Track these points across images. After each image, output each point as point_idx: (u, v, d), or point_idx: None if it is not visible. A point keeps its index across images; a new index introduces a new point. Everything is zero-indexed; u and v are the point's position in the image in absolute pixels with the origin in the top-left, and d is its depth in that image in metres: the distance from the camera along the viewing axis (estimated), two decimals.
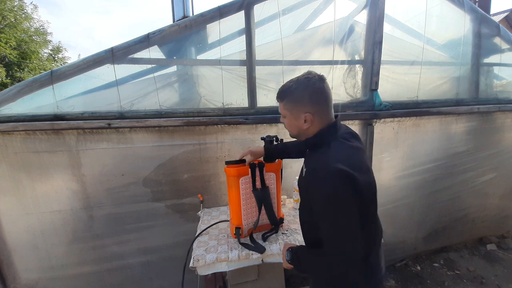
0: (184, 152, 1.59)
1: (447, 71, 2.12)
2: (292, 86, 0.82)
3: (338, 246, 0.72)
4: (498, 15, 9.42)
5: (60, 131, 1.40)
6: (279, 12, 1.63)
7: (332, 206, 0.72)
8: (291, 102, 0.84)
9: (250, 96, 1.65)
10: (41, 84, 1.34)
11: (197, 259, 1.12)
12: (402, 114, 1.88)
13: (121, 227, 1.59)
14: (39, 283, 1.54)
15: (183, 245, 1.58)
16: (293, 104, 0.84)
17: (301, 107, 0.82)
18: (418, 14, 1.93)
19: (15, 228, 1.45)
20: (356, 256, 0.72)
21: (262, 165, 1.25)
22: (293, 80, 0.84)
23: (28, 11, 12.13)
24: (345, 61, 1.83)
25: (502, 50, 2.20)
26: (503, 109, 2.18)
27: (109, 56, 1.40)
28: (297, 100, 0.82)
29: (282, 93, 0.86)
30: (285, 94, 0.84)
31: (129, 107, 1.48)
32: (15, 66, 11.42)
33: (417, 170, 2.08)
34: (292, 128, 0.89)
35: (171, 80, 1.63)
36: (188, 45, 1.60)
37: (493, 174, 2.35)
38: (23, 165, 1.39)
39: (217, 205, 1.72)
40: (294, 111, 0.84)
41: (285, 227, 1.39)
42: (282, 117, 0.91)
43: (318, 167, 0.76)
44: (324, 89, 0.81)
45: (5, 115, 1.32)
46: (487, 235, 2.49)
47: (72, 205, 1.50)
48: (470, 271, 2.10)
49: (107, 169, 1.50)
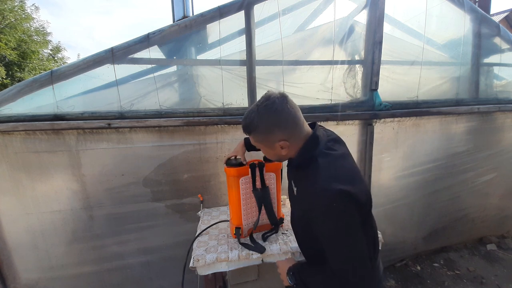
0: (184, 152, 1.59)
1: (447, 71, 2.12)
2: (254, 119, 0.75)
3: (350, 269, 0.69)
4: (498, 15, 9.43)
5: (60, 131, 1.40)
6: (279, 12, 1.63)
7: (338, 232, 0.69)
8: (259, 135, 0.79)
9: (250, 96, 1.65)
10: (41, 84, 1.34)
11: (197, 259, 1.12)
12: (402, 114, 1.88)
13: (121, 227, 1.59)
14: (39, 283, 1.54)
15: (183, 245, 1.58)
16: (262, 137, 0.79)
17: (272, 137, 0.76)
18: (418, 14, 1.93)
19: (15, 228, 1.45)
20: (368, 274, 0.71)
21: (262, 165, 1.24)
22: (253, 110, 0.76)
23: (29, 11, 12.14)
24: (345, 61, 1.83)
25: (502, 50, 2.20)
26: (503, 109, 2.18)
27: (109, 56, 1.40)
28: (265, 132, 0.77)
29: (246, 128, 0.80)
30: (250, 129, 0.79)
31: (129, 107, 1.48)
32: (15, 66, 11.42)
33: (417, 170, 2.08)
34: (270, 156, 0.86)
35: (171, 80, 1.63)
36: (188, 45, 1.60)
37: (493, 174, 2.35)
38: (23, 165, 1.39)
39: (217, 205, 1.72)
40: (266, 142, 0.79)
41: (285, 227, 1.39)
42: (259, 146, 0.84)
43: (315, 192, 0.69)
44: (288, 110, 0.74)
45: (5, 115, 1.32)
46: (487, 235, 2.49)
47: (72, 205, 1.50)
48: (470, 271, 2.10)
49: (107, 169, 1.50)
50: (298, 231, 0.96)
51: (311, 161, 0.75)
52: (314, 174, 0.72)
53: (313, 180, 0.71)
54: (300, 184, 0.81)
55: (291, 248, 1.18)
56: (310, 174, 0.74)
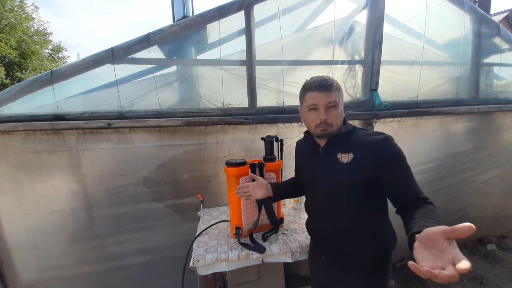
0: (184, 152, 1.59)
1: (447, 71, 2.12)
2: (333, 80, 0.89)
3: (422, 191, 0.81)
4: (498, 15, 9.42)
5: (60, 131, 1.40)
6: (279, 12, 1.63)
7: (407, 164, 0.83)
8: (339, 91, 0.89)
9: (250, 96, 1.65)
10: (41, 84, 1.34)
11: (197, 259, 1.12)
12: (402, 114, 1.88)
13: (121, 227, 1.59)
14: (39, 283, 1.54)
15: (183, 245, 1.58)
16: (340, 93, 0.90)
17: (342, 96, 0.92)
18: (418, 14, 1.93)
19: (15, 228, 1.45)
20: None
21: (262, 165, 1.25)
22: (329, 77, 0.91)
23: (29, 11, 12.13)
24: (345, 61, 1.83)
25: (502, 50, 2.20)
26: (503, 109, 2.18)
27: (109, 56, 1.40)
28: (341, 90, 0.90)
29: (331, 85, 0.87)
30: (333, 86, 0.87)
31: (129, 107, 1.48)
32: (15, 66, 11.41)
33: (417, 170, 2.07)
34: (340, 117, 0.90)
35: (171, 80, 1.63)
36: (188, 45, 1.60)
37: (493, 174, 2.35)
38: (23, 165, 1.39)
39: (217, 205, 1.72)
40: (341, 99, 0.91)
41: (285, 227, 1.39)
42: (330, 108, 0.87)
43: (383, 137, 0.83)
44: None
45: (5, 115, 1.32)
46: (487, 235, 2.49)
47: (72, 205, 1.50)
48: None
49: (107, 169, 1.50)
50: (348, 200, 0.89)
51: (355, 128, 0.93)
52: (365, 133, 0.89)
53: (371, 134, 0.87)
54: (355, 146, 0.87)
55: (291, 248, 1.18)
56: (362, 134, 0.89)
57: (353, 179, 0.85)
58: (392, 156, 0.81)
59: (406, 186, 0.81)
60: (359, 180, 0.84)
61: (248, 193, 1.12)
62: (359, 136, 0.88)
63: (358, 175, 0.84)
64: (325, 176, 0.92)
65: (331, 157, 0.90)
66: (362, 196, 0.87)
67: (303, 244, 1.20)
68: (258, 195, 1.11)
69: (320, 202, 0.98)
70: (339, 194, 0.89)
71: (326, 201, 0.94)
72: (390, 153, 0.81)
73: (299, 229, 1.36)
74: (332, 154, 0.90)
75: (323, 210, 0.97)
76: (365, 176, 0.83)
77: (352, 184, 0.86)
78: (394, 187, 0.82)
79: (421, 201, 0.79)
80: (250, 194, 1.12)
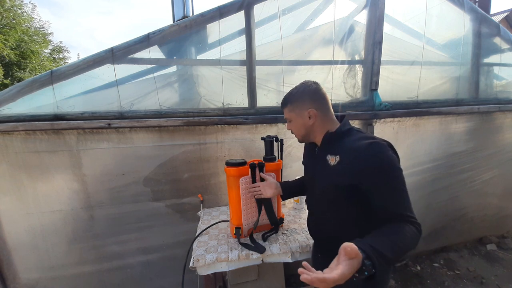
0: (184, 152, 1.59)
1: (447, 71, 2.12)
2: (292, 92, 0.94)
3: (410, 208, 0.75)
4: (498, 15, 9.41)
5: (60, 131, 1.40)
6: (279, 12, 1.63)
7: (396, 174, 0.76)
8: (293, 104, 0.93)
9: (250, 96, 1.65)
10: (41, 84, 1.34)
11: (197, 259, 1.12)
12: (402, 114, 1.88)
13: (121, 226, 1.59)
14: (39, 283, 1.54)
15: (183, 245, 1.59)
16: (295, 105, 0.92)
17: (303, 106, 0.90)
18: (418, 14, 1.93)
19: (15, 228, 1.45)
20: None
21: (262, 165, 1.25)
22: (292, 88, 0.95)
23: (27, 10, 12.10)
24: (345, 61, 1.83)
25: (502, 50, 2.20)
26: (503, 109, 2.18)
27: (109, 56, 1.41)
28: (298, 100, 0.92)
29: (284, 100, 0.96)
30: (287, 100, 0.95)
31: (129, 107, 1.48)
32: (14, 66, 11.40)
33: (417, 170, 2.08)
34: (299, 130, 0.95)
35: (171, 80, 1.63)
36: (188, 45, 1.60)
37: (492, 174, 2.35)
38: (24, 165, 1.39)
39: (217, 205, 1.72)
40: (298, 110, 0.92)
41: (285, 227, 1.39)
42: (288, 123, 0.98)
43: (369, 143, 0.78)
44: (319, 89, 0.91)
45: (5, 115, 1.32)
46: (487, 235, 2.49)
47: (72, 205, 1.50)
48: (470, 271, 2.10)
49: (107, 169, 1.51)
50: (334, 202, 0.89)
51: (351, 130, 0.89)
52: (359, 136, 0.84)
53: (362, 138, 0.81)
54: (342, 149, 0.85)
55: (291, 248, 1.18)
56: (354, 137, 0.84)
57: (337, 182, 0.84)
58: (374, 165, 0.75)
59: (387, 198, 0.75)
60: (342, 184, 0.82)
61: (259, 192, 1.18)
62: (350, 139, 0.85)
63: (342, 179, 0.82)
64: (319, 175, 0.94)
65: (323, 158, 0.91)
66: (350, 199, 0.84)
67: (303, 244, 1.20)
68: (268, 194, 1.16)
69: (317, 200, 0.99)
70: (329, 195, 0.90)
71: (322, 199, 0.95)
72: (373, 160, 0.75)
73: (299, 229, 1.36)
74: (324, 155, 0.90)
75: (319, 208, 0.99)
76: (349, 181, 0.80)
77: (335, 187, 0.85)
78: (373, 197, 0.77)
79: (401, 218, 0.72)
80: (261, 193, 1.17)
